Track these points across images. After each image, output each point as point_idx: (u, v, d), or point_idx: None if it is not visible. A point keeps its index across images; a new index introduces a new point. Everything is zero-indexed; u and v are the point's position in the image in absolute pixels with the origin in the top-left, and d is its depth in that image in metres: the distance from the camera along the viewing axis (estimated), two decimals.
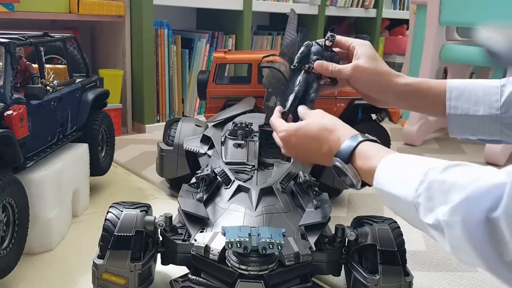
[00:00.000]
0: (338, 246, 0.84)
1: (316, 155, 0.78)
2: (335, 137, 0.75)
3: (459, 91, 0.81)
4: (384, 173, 0.64)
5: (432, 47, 2.02)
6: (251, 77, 1.53)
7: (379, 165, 0.65)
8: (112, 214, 0.82)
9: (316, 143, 0.77)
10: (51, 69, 1.27)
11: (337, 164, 0.71)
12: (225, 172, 0.99)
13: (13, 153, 0.92)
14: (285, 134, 0.82)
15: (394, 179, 0.62)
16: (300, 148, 0.81)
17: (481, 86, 0.81)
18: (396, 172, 0.63)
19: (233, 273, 0.75)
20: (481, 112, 0.80)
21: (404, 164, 0.63)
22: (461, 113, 0.81)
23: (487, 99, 0.80)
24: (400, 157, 0.65)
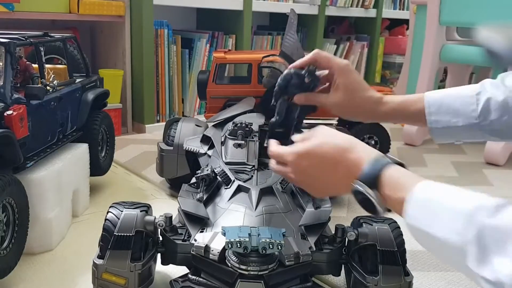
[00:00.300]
0: (338, 246, 0.84)
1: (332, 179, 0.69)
2: (354, 157, 0.66)
3: (437, 105, 0.84)
4: (417, 207, 0.57)
5: (432, 47, 2.02)
6: (251, 77, 1.53)
7: (411, 197, 0.58)
8: (112, 214, 0.82)
9: (331, 166, 0.68)
10: (51, 69, 1.27)
11: (360, 190, 0.63)
12: (225, 172, 0.99)
13: (13, 153, 0.92)
14: (295, 157, 0.72)
15: (430, 217, 0.55)
16: (313, 173, 0.71)
17: (457, 97, 0.83)
18: (433, 207, 0.55)
19: (233, 273, 0.75)
20: (461, 123, 0.82)
21: (441, 198, 0.56)
22: (442, 126, 0.84)
23: (464, 109, 0.82)
24: (435, 189, 0.58)
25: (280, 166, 0.76)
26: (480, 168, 1.78)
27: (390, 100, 0.88)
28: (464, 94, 0.83)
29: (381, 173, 0.62)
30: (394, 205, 0.61)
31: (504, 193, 1.52)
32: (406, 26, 3.23)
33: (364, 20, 3.09)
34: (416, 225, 0.56)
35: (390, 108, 0.87)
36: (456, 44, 2.09)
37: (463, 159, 1.89)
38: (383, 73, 3.28)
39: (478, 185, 1.59)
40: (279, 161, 0.76)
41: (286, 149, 0.74)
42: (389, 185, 0.61)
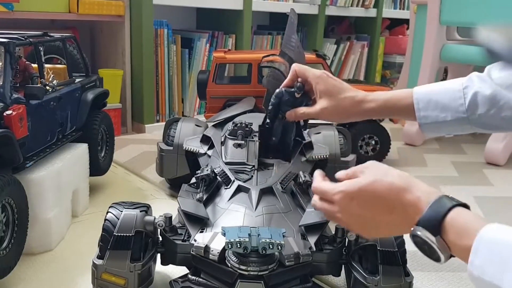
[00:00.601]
0: (338, 247, 0.84)
1: (387, 222, 0.62)
2: (412, 198, 0.59)
3: (425, 101, 0.84)
4: (482, 256, 0.51)
5: (432, 46, 2.02)
6: (251, 77, 1.53)
7: (477, 244, 0.51)
8: (111, 214, 0.82)
9: (386, 207, 0.61)
10: (51, 69, 1.26)
11: (419, 235, 0.56)
12: (225, 172, 0.98)
13: (12, 153, 0.92)
14: (343, 197, 0.63)
15: (500, 267, 0.48)
16: (364, 214, 0.63)
17: (445, 92, 0.83)
18: (503, 257, 0.49)
19: (233, 273, 0.74)
20: (450, 118, 0.83)
21: (508, 245, 0.49)
22: (431, 121, 0.84)
23: (452, 104, 0.82)
24: (503, 234, 0.51)
25: (325, 204, 0.67)
26: (480, 168, 1.78)
27: (376, 97, 0.89)
28: (451, 88, 0.83)
29: (444, 217, 0.55)
30: (459, 252, 0.54)
31: (504, 193, 1.52)
32: (406, 25, 3.23)
33: (364, 19, 3.09)
34: (481, 276, 0.50)
35: (377, 104, 0.88)
36: (456, 43, 2.09)
37: (463, 159, 1.89)
38: (383, 73, 3.28)
39: (478, 185, 1.59)
40: (323, 198, 0.67)
41: (333, 186, 0.66)
42: (454, 231, 0.54)
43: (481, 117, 0.81)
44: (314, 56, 1.61)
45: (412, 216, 0.57)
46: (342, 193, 0.64)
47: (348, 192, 0.63)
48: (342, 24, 3.19)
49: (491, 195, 1.49)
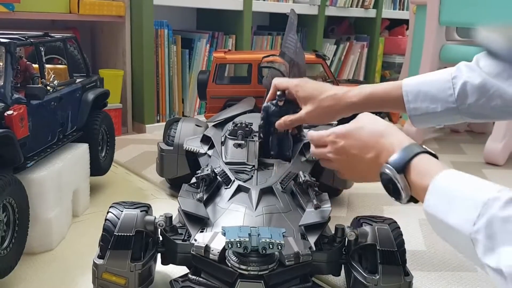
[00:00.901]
0: (338, 246, 0.84)
1: (364, 162, 0.72)
2: (387, 142, 0.69)
3: (414, 93, 0.85)
4: (436, 196, 0.58)
5: (432, 47, 2.02)
6: (251, 77, 1.53)
7: (431, 185, 0.59)
8: (112, 214, 0.82)
9: (365, 149, 0.72)
10: (51, 69, 1.27)
11: (387, 172, 0.65)
12: (225, 172, 0.99)
13: (13, 153, 0.92)
14: (334, 137, 0.77)
15: (447, 205, 0.56)
16: (348, 153, 0.75)
17: (434, 83, 0.84)
18: (451, 196, 0.56)
19: (233, 273, 0.75)
20: (440, 108, 0.83)
21: (460, 187, 0.56)
22: (421, 113, 0.85)
23: (442, 95, 0.83)
24: (457, 178, 0.58)
25: (320, 148, 0.80)
26: (479, 168, 1.78)
27: (360, 91, 0.89)
28: (440, 79, 0.83)
29: (411, 159, 0.63)
30: (418, 192, 0.62)
31: None
32: (406, 26, 3.23)
33: (364, 20, 3.09)
34: (433, 213, 0.57)
35: (359, 98, 0.89)
36: (456, 44, 2.09)
37: (463, 159, 1.89)
38: (383, 73, 3.28)
39: None
40: (318, 144, 0.80)
41: (326, 130, 0.79)
42: (416, 171, 0.62)
43: (470, 106, 0.81)
44: (314, 56, 1.61)
45: (385, 159, 0.66)
46: (333, 134, 0.77)
47: (337, 133, 0.76)
48: (341, 24, 3.20)
49: None
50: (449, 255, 1.10)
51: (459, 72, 0.82)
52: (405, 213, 1.33)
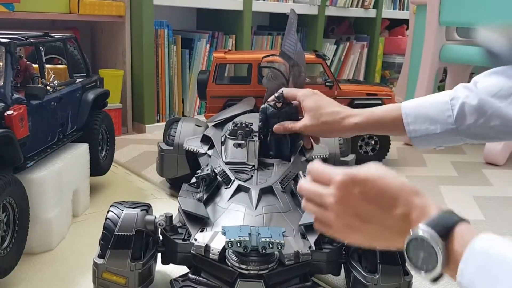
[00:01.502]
0: (338, 246, 0.84)
1: (386, 220, 0.54)
2: (422, 202, 0.52)
3: (413, 115, 0.85)
4: (474, 265, 0.47)
5: (432, 47, 2.02)
6: (251, 77, 1.53)
7: (469, 252, 0.47)
8: (112, 214, 0.82)
9: (391, 201, 0.53)
10: (51, 69, 1.27)
11: (422, 235, 0.49)
12: (225, 172, 0.99)
13: (13, 153, 0.92)
14: (347, 179, 0.54)
15: (489, 278, 0.45)
16: (363, 207, 0.54)
17: (433, 104, 0.84)
18: (492, 273, 0.45)
19: (233, 272, 0.75)
20: (439, 130, 0.83)
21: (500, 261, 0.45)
22: (421, 134, 0.85)
23: (441, 117, 0.82)
24: (495, 249, 0.46)
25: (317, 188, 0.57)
26: (479, 168, 1.78)
27: (362, 112, 0.90)
28: (439, 101, 0.83)
29: (455, 225, 0.49)
30: (456, 266, 0.48)
31: (503, 193, 1.53)
32: (406, 26, 3.23)
33: (364, 20, 3.09)
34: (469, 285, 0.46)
35: (362, 118, 0.89)
36: (455, 44, 2.09)
37: (463, 159, 1.89)
38: (383, 73, 3.28)
39: (478, 185, 1.59)
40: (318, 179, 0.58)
41: (333, 169, 0.57)
42: (460, 240, 0.48)
43: (470, 127, 0.81)
44: (314, 56, 1.61)
45: (414, 220, 0.51)
46: (346, 176, 0.54)
47: (353, 176, 0.54)
48: (341, 24, 3.20)
49: (491, 195, 1.50)
50: None
51: (457, 93, 0.82)
52: None
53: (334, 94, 1.60)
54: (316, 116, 0.93)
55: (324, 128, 0.93)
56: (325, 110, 0.92)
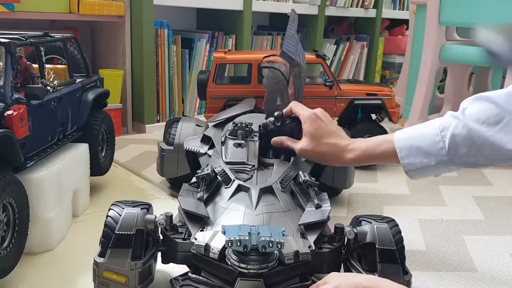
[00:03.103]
0: (338, 245, 0.84)
1: None
2: None
3: (406, 149, 0.85)
4: None
5: (431, 47, 2.02)
6: (251, 77, 1.53)
7: None
8: (113, 213, 0.82)
9: None
10: (51, 69, 1.27)
11: None
12: (225, 172, 0.99)
13: (13, 153, 0.92)
14: None
15: None
16: None
17: (424, 136, 0.84)
18: None
19: (233, 271, 0.75)
20: (434, 162, 0.83)
21: None
22: (416, 168, 0.85)
23: (433, 149, 0.83)
24: None
25: None
26: None
27: (358, 146, 0.90)
28: (429, 133, 0.83)
29: None
30: None
31: (503, 193, 1.53)
32: (406, 26, 3.23)
33: (364, 20, 3.09)
34: None
35: (356, 155, 0.90)
36: (455, 44, 2.09)
37: None
38: (383, 73, 3.28)
39: (478, 185, 1.59)
40: None
41: None
42: None
43: (462, 157, 0.81)
44: (314, 56, 1.61)
45: None
46: None
47: None
48: (341, 24, 3.20)
49: (491, 195, 1.50)
50: (449, 255, 1.10)
51: (446, 123, 0.82)
52: (405, 213, 1.33)
53: (334, 94, 1.60)
54: (314, 143, 0.94)
55: (320, 158, 0.95)
56: (325, 140, 0.93)
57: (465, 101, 0.83)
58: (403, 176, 1.62)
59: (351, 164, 0.91)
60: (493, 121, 0.78)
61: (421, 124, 0.87)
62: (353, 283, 0.65)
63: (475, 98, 0.82)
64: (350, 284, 0.65)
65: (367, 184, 1.54)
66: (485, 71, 2.42)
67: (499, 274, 1.02)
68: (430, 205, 1.40)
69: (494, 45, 0.82)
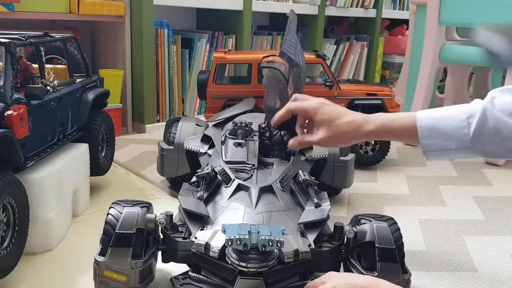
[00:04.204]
0: (337, 244, 0.84)
1: None
2: None
3: (428, 129, 0.84)
4: None
5: (431, 47, 2.02)
6: (251, 77, 1.53)
7: None
8: (114, 212, 0.83)
9: None
10: (51, 69, 1.27)
11: None
12: (225, 171, 0.99)
13: (13, 153, 0.92)
14: None
15: None
16: None
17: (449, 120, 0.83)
18: None
19: (233, 270, 0.75)
20: (454, 146, 0.83)
21: None
22: (435, 149, 0.84)
23: (456, 134, 0.82)
24: None
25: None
26: (479, 168, 1.78)
27: (376, 118, 0.89)
28: (455, 116, 0.83)
29: None
30: None
31: (503, 193, 1.53)
32: (406, 26, 3.23)
33: (364, 20, 3.09)
34: None
35: (376, 125, 0.89)
36: (455, 44, 2.09)
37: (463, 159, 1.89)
38: (383, 73, 3.28)
39: (478, 185, 1.59)
40: None
41: None
42: None
43: (484, 145, 0.81)
44: (314, 56, 1.61)
45: None
46: None
47: None
48: (341, 24, 3.20)
49: (491, 195, 1.50)
50: (449, 255, 1.10)
51: (474, 110, 0.82)
52: (405, 213, 1.33)
53: (334, 94, 1.60)
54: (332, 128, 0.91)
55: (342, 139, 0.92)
56: (340, 120, 0.90)
57: (494, 90, 0.83)
58: (403, 176, 1.64)
59: (370, 136, 0.89)
60: None
61: (446, 107, 0.87)
62: (350, 284, 0.65)
63: (507, 89, 0.82)
64: (347, 285, 0.65)
65: (367, 184, 1.54)
66: (485, 71, 2.42)
67: (499, 274, 1.02)
68: (430, 205, 1.40)
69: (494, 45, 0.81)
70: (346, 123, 0.90)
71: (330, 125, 0.91)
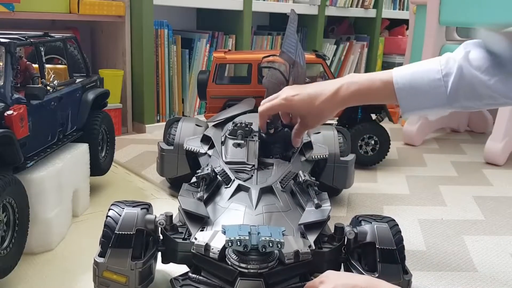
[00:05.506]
0: (338, 245, 0.84)
1: None
2: None
3: (406, 90, 0.85)
4: None
5: (431, 47, 2.02)
6: (251, 77, 1.53)
7: None
8: (113, 213, 0.82)
9: None
10: (51, 69, 1.27)
11: None
12: (225, 172, 0.99)
13: (13, 153, 0.92)
14: None
15: None
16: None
17: (425, 79, 0.84)
18: None
19: (233, 271, 0.75)
20: (431, 105, 0.85)
21: None
22: (413, 108, 0.86)
23: (434, 92, 0.84)
24: None
25: None
26: (480, 168, 1.78)
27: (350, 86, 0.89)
28: (431, 75, 0.84)
29: None
30: None
31: (503, 193, 1.53)
32: (406, 26, 3.23)
33: (364, 20, 3.09)
34: None
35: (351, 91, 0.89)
36: (456, 44, 2.09)
37: (463, 159, 1.89)
38: None
39: (478, 185, 1.59)
40: None
41: None
42: None
43: (460, 101, 0.83)
44: (314, 56, 1.61)
45: None
46: None
47: None
48: (341, 24, 3.20)
49: (491, 195, 1.50)
50: (449, 255, 1.10)
51: (449, 69, 0.83)
52: (405, 213, 1.33)
53: None
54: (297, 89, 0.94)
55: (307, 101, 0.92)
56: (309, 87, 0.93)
57: (468, 42, 0.85)
58: (403, 176, 1.64)
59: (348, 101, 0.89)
60: (496, 71, 0.80)
61: (420, 63, 0.88)
62: (350, 284, 0.65)
63: (480, 43, 0.83)
64: (347, 285, 0.65)
65: (367, 184, 1.54)
66: None
67: (499, 274, 1.02)
68: (430, 205, 1.40)
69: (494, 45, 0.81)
70: (314, 86, 0.93)
71: (295, 88, 0.94)
